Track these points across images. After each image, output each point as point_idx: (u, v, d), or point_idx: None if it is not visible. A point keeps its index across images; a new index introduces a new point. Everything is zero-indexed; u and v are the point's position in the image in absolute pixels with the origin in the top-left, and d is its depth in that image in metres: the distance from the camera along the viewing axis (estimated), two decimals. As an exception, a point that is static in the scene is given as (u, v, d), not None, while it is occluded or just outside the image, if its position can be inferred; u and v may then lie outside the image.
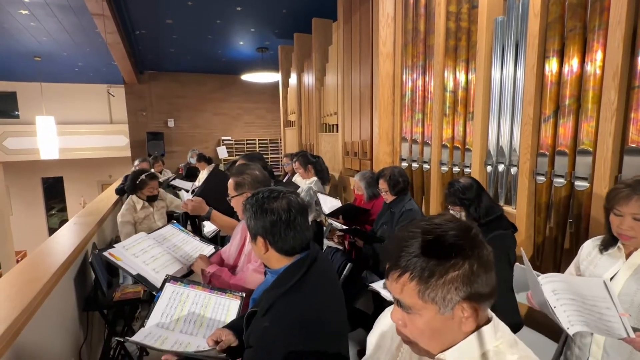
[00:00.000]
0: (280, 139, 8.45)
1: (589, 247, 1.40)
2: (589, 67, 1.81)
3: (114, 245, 1.71)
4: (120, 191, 4.56)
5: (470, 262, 0.64)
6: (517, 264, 1.81)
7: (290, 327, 0.97)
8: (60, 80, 9.65)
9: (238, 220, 1.91)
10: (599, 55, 1.76)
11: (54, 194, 11.04)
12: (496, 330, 0.69)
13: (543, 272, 2.01)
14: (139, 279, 1.58)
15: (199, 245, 1.97)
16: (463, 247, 0.65)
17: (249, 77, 7.67)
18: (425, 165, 3.05)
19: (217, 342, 1.12)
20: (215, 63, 8.40)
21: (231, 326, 1.19)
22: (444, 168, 2.83)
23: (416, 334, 0.68)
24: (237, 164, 2.86)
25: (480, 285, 0.65)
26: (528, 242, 2.19)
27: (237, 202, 1.73)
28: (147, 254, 1.72)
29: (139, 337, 1.21)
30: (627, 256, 1.25)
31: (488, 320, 0.70)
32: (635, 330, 1.09)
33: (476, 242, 0.66)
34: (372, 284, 1.87)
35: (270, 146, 10.27)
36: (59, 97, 9.90)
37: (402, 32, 3.30)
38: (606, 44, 1.73)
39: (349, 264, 2.32)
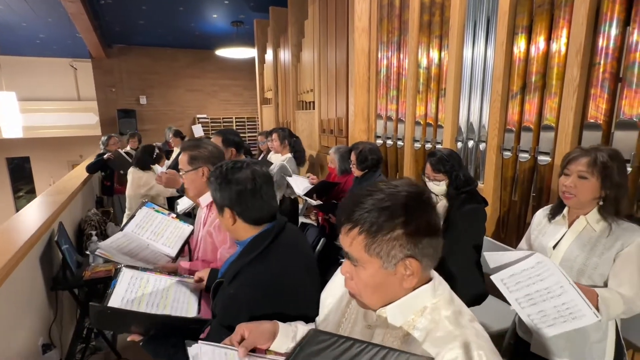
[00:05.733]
0: (258, 117, 8.31)
1: (540, 217, 1.47)
2: (554, 44, 1.85)
3: (99, 245, 1.67)
4: (93, 168, 4.38)
5: (418, 223, 0.67)
6: (485, 237, 1.87)
7: (254, 294, 0.98)
8: (21, 54, 9.03)
9: None
10: (564, 32, 1.80)
11: (20, 175, 10.51)
12: (435, 289, 0.73)
13: (507, 244, 2.13)
14: None
15: (178, 226, 1.91)
16: (413, 208, 0.67)
17: (223, 52, 7.43)
18: (399, 142, 3.09)
19: (200, 280, 1.29)
20: (189, 37, 8.06)
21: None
22: (417, 145, 2.88)
23: (361, 286, 0.72)
24: (212, 139, 2.80)
25: (425, 246, 0.68)
26: (494, 216, 2.28)
27: (190, 178, 1.60)
28: (132, 248, 1.68)
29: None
30: (571, 224, 1.32)
31: (429, 280, 0.74)
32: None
33: (427, 206, 0.69)
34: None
35: (248, 124, 10.10)
36: (20, 72, 9.28)
37: (377, 6, 3.26)
38: (571, 21, 1.77)
39: (322, 239, 2.36)
